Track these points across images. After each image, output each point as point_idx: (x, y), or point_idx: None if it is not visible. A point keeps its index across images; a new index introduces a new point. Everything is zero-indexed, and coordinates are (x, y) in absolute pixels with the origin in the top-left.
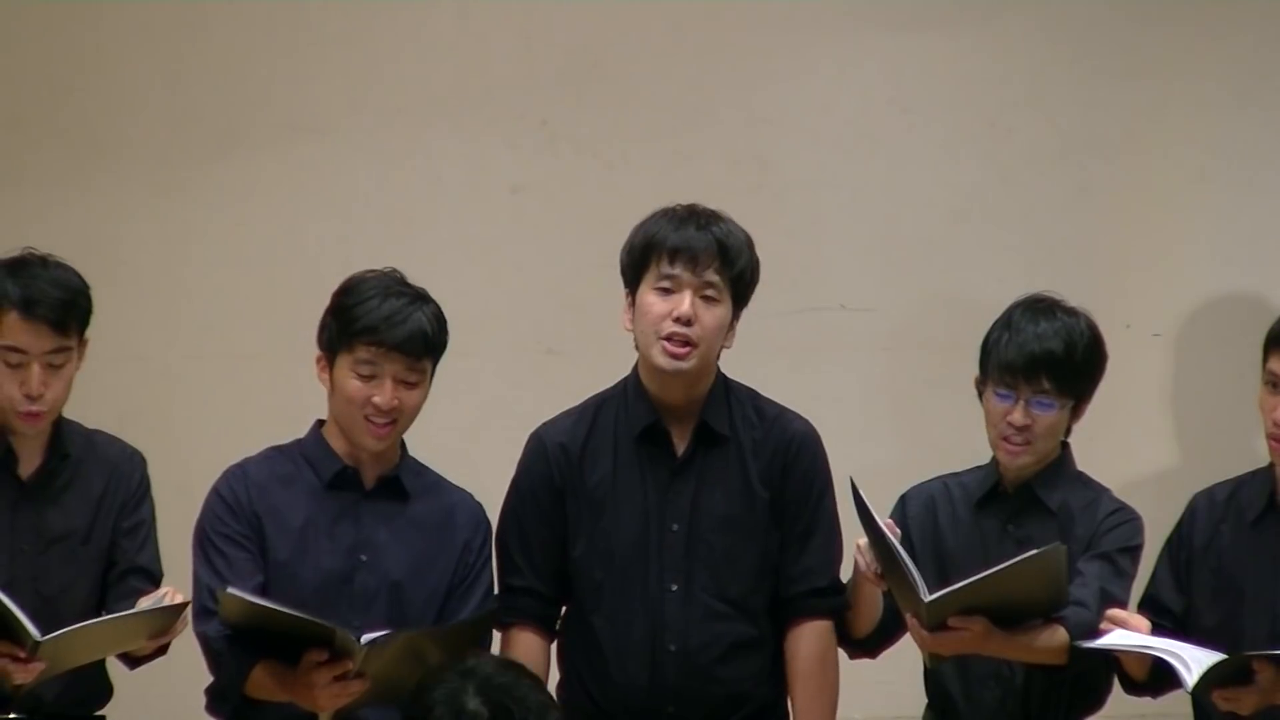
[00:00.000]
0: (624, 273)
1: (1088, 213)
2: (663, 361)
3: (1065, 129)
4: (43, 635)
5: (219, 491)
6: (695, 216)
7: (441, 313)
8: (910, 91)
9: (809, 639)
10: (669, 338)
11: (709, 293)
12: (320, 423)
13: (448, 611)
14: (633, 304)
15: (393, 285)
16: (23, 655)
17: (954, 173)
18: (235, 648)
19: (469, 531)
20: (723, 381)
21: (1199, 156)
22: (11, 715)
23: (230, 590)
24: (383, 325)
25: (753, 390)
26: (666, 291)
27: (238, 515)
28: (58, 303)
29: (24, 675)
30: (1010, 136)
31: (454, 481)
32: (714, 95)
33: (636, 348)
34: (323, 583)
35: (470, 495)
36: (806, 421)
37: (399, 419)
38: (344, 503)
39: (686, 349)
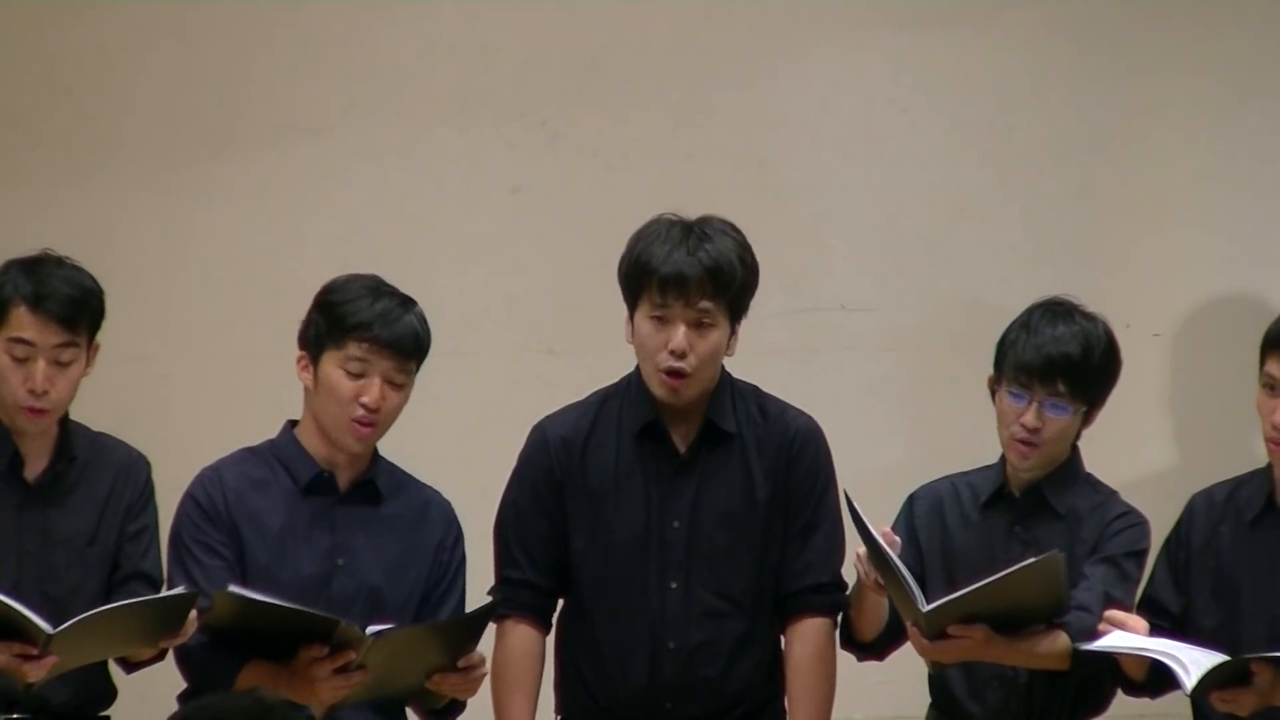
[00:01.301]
0: (621, 287)
1: (1088, 213)
2: (662, 393)
3: (1065, 129)
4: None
5: (194, 497)
6: (687, 238)
7: (425, 318)
8: (910, 91)
9: (809, 635)
10: (666, 371)
11: (704, 320)
12: (292, 424)
13: (423, 615)
14: (630, 320)
15: (381, 286)
16: (35, 652)
17: (954, 173)
18: (218, 653)
19: (441, 531)
20: (727, 379)
21: (1199, 156)
22: (15, 716)
23: (231, 588)
24: (377, 323)
25: (755, 387)
26: (660, 320)
27: (214, 522)
28: (67, 299)
29: (37, 672)
30: (1010, 136)
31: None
32: (714, 95)
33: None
34: (302, 588)
35: (439, 494)
36: (809, 417)
37: (380, 421)
38: (319, 506)
39: (682, 381)
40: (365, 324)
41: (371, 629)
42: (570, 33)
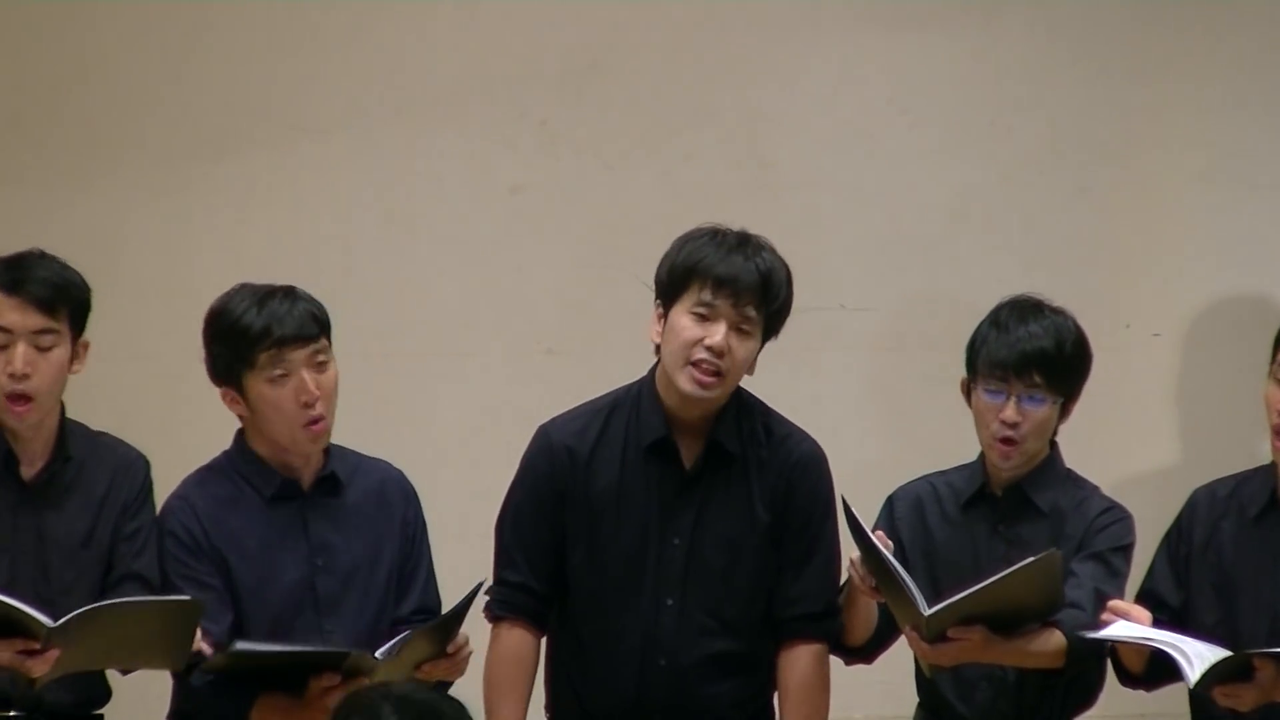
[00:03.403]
0: (659, 285)
1: (1088, 213)
2: (689, 388)
3: (1065, 129)
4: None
5: (174, 534)
6: (744, 246)
7: (310, 294)
8: (910, 91)
9: (801, 662)
10: (698, 364)
11: (744, 327)
12: (241, 432)
13: (398, 591)
14: (662, 317)
15: (257, 290)
16: (37, 646)
17: (954, 173)
18: (226, 691)
19: (402, 505)
20: (734, 395)
21: (1199, 156)
22: (12, 713)
23: (238, 645)
24: (274, 325)
25: (764, 405)
26: (702, 318)
27: (197, 554)
28: (45, 283)
29: (41, 666)
30: (1010, 136)
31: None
32: (714, 95)
33: (657, 355)
34: (289, 596)
35: (391, 466)
36: (814, 442)
37: (325, 409)
38: (289, 512)
39: (714, 379)
40: (264, 332)
41: (380, 651)
42: (570, 33)
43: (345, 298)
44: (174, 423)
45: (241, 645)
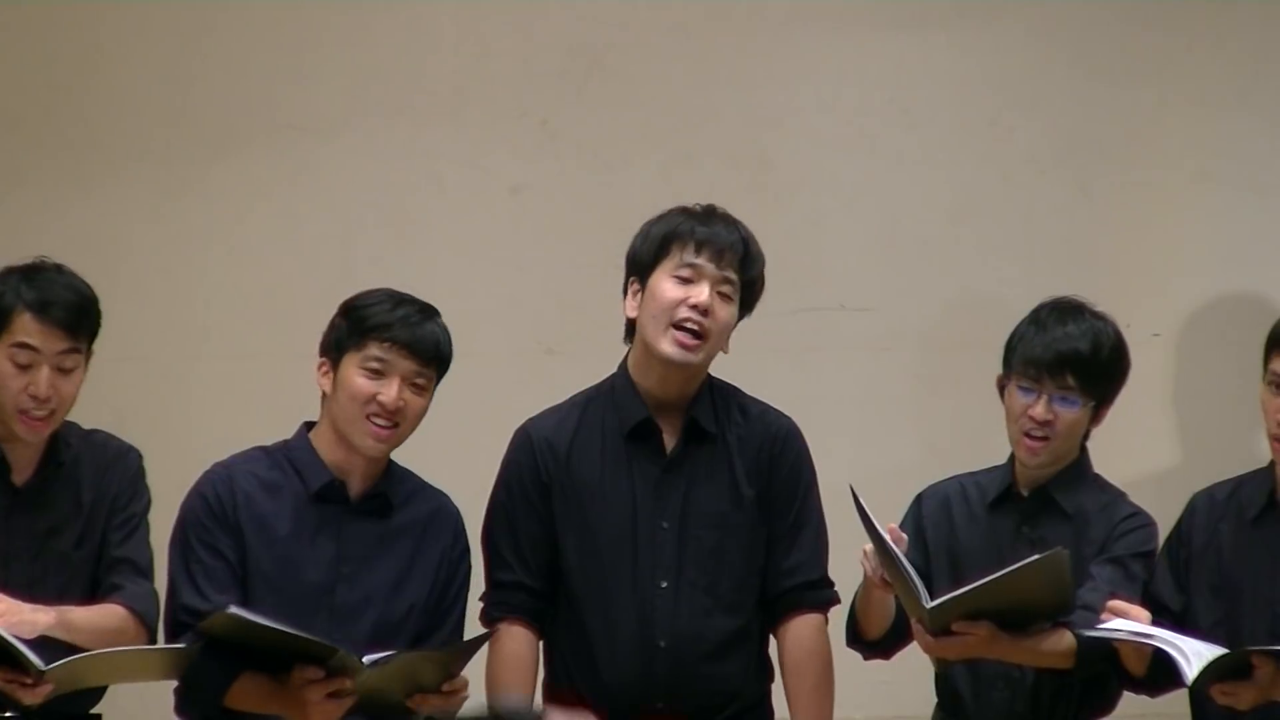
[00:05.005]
0: (633, 261)
1: (1088, 213)
2: (672, 351)
3: (1065, 129)
4: (46, 663)
5: (203, 495)
6: (720, 216)
7: (448, 331)
8: (910, 91)
9: (805, 632)
10: (680, 325)
11: (725, 289)
12: (308, 426)
13: (424, 629)
14: (638, 292)
15: (404, 295)
16: (29, 681)
17: (954, 173)
18: (214, 660)
19: (446, 541)
20: (707, 380)
21: (1199, 157)
22: (6, 714)
23: (232, 610)
24: (398, 324)
25: (736, 388)
26: (685, 280)
27: (221, 523)
28: (72, 305)
29: (33, 698)
30: (1010, 136)
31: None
32: (714, 95)
33: (628, 341)
34: (303, 595)
35: (449, 500)
36: (789, 418)
37: (401, 423)
38: (328, 514)
39: (697, 341)
40: (385, 325)
41: (369, 657)
42: (570, 33)
43: (346, 298)
44: (173, 423)
45: (236, 611)
